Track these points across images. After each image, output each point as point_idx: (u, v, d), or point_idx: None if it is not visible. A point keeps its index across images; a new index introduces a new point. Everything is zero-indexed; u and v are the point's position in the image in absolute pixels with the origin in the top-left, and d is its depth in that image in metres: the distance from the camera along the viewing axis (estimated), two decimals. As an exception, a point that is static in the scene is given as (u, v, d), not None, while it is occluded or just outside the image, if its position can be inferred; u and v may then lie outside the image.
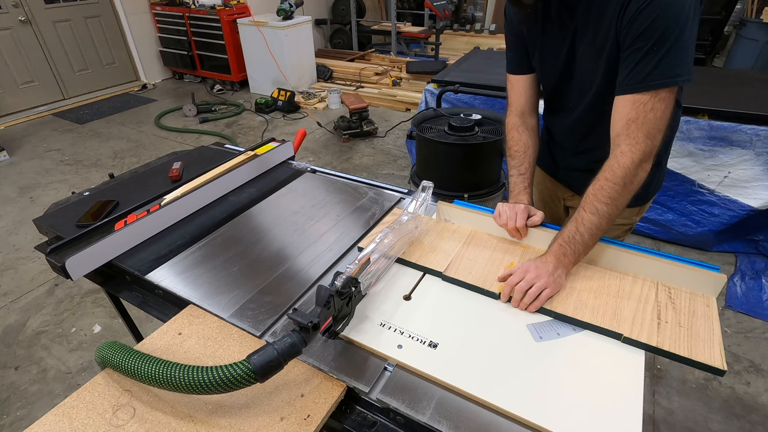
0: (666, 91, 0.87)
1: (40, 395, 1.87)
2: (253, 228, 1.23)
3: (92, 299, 2.38)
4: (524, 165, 1.16)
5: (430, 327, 0.87)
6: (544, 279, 0.90)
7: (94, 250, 1.06)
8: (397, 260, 1.04)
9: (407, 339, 0.84)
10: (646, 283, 0.95)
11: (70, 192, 2.01)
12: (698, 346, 0.80)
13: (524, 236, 1.08)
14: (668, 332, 0.82)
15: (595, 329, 0.85)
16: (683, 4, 0.82)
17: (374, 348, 0.82)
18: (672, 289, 0.93)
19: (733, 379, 1.85)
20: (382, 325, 0.88)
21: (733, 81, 2.57)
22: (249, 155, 1.49)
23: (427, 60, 5.68)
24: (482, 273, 0.99)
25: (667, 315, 0.86)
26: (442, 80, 2.67)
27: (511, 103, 1.21)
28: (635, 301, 0.90)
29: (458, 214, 1.17)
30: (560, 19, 0.99)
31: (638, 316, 0.86)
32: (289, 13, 4.94)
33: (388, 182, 1.45)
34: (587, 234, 0.92)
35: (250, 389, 0.74)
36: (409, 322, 0.88)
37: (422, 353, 0.81)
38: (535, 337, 0.84)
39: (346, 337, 0.85)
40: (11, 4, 4.53)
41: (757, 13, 4.73)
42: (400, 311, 0.91)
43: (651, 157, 0.92)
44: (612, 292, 0.93)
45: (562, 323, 0.87)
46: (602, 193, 0.92)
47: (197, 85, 5.78)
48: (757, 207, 2.20)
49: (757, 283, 2.26)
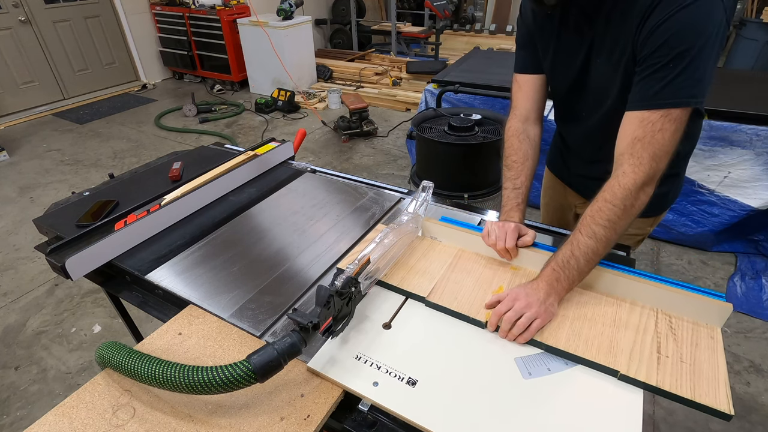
0: (678, 112, 0.82)
1: (40, 395, 1.87)
2: (253, 228, 1.23)
3: (92, 299, 2.38)
4: (520, 178, 1.08)
5: (409, 361, 0.80)
6: (534, 308, 0.83)
7: (94, 250, 1.06)
8: (378, 283, 0.97)
9: (384, 375, 0.77)
10: (645, 310, 0.88)
11: (70, 192, 2.01)
12: (702, 385, 0.72)
13: (514, 257, 1.01)
14: (669, 369, 0.75)
15: (589, 364, 0.78)
16: (707, 23, 0.77)
17: (347, 386, 0.76)
18: (673, 318, 0.86)
19: (733, 379, 1.84)
20: (357, 358, 0.81)
21: (733, 81, 2.57)
22: (249, 155, 1.49)
23: (427, 60, 5.68)
24: (469, 298, 0.92)
25: (667, 348, 0.79)
26: (442, 80, 2.67)
27: (515, 107, 1.13)
28: (633, 331, 0.83)
29: (445, 232, 1.10)
30: (578, 28, 0.94)
31: (636, 349, 0.79)
32: (289, 13, 4.94)
33: (388, 182, 1.45)
34: (583, 259, 0.86)
35: (250, 389, 0.74)
36: (387, 355, 0.81)
37: (400, 392, 0.75)
38: (523, 372, 0.78)
39: (316, 371, 0.78)
40: (11, 4, 4.53)
41: (757, 13, 4.73)
42: (378, 342, 0.84)
43: (654, 181, 0.86)
44: (608, 321, 0.85)
45: (553, 357, 0.80)
46: (600, 216, 0.86)
47: (197, 85, 5.78)
48: (757, 207, 2.20)
49: (757, 283, 2.26)
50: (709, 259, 2.50)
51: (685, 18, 0.76)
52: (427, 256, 1.06)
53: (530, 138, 1.11)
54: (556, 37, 0.99)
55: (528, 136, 1.11)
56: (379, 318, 0.90)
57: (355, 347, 0.83)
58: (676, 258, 2.52)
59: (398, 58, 5.87)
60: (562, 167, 1.32)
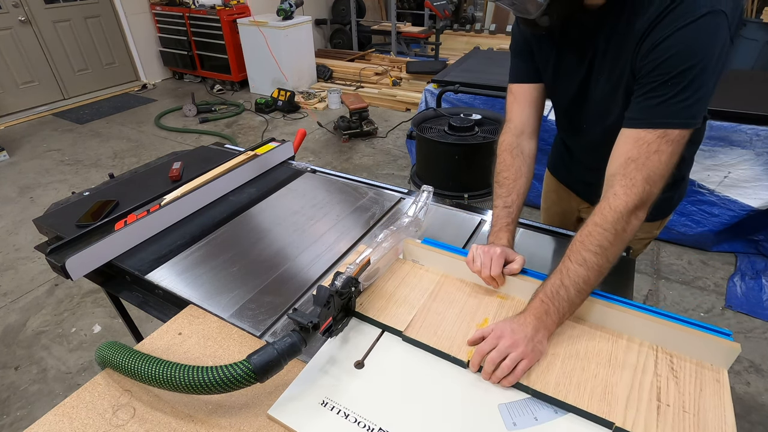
0: (677, 133, 0.77)
1: (40, 395, 1.87)
2: (253, 228, 1.23)
3: (92, 299, 2.38)
4: (511, 196, 1.01)
5: (381, 408, 0.72)
6: (521, 348, 0.75)
7: (94, 250, 1.06)
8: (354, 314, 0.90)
9: (352, 425, 0.69)
10: (644, 348, 0.79)
11: (70, 192, 2.01)
12: None
13: (501, 285, 0.93)
14: (670, 420, 0.67)
15: (581, 413, 0.70)
16: (709, 42, 0.73)
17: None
18: (674, 358, 0.77)
19: (733, 379, 1.84)
20: (323, 404, 0.72)
21: (733, 81, 2.57)
22: (249, 155, 1.49)
23: (427, 60, 5.68)
24: (450, 333, 0.84)
25: (668, 395, 0.71)
26: (442, 80, 2.67)
27: (510, 119, 1.08)
28: (631, 373, 0.75)
29: (427, 256, 1.01)
30: (578, 46, 0.92)
31: (634, 395, 0.71)
32: (289, 13, 4.94)
33: (388, 182, 1.45)
34: (573, 289, 0.79)
35: (250, 389, 0.74)
36: (356, 402, 0.73)
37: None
38: (507, 423, 0.69)
39: (273, 418, 0.71)
40: (11, 4, 4.53)
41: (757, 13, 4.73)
42: (348, 384, 0.76)
43: (647, 205, 0.81)
44: (603, 361, 0.77)
45: (541, 404, 0.73)
46: (591, 241, 0.79)
47: (197, 85, 5.78)
48: (757, 207, 2.20)
49: (757, 283, 2.26)
50: (709, 259, 2.50)
51: (686, 37, 0.73)
52: (408, 282, 0.97)
53: (524, 154, 1.05)
54: (556, 55, 0.96)
55: (522, 152, 1.05)
56: (352, 355, 0.82)
57: (322, 390, 0.75)
58: (676, 258, 2.52)
59: (398, 58, 5.87)
60: (565, 172, 1.30)
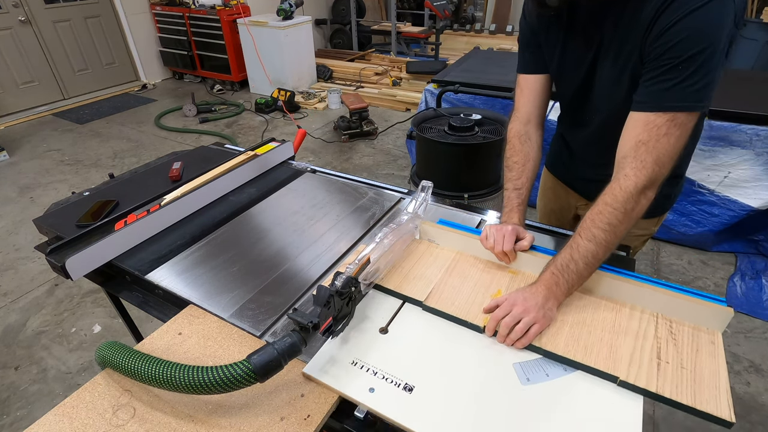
0: (684, 116, 0.80)
1: (40, 395, 1.87)
2: (253, 228, 1.23)
3: (92, 299, 2.38)
4: (521, 179, 1.07)
5: (406, 366, 0.79)
6: (532, 313, 0.82)
7: (94, 250, 1.06)
8: (375, 286, 0.97)
9: (381, 381, 0.77)
10: (645, 315, 0.87)
11: (70, 192, 2.01)
12: (703, 392, 0.72)
13: (513, 260, 1.00)
14: (669, 375, 0.75)
15: (588, 370, 0.77)
16: (717, 26, 0.75)
17: (343, 392, 0.75)
18: (673, 323, 0.85)
19: (733, 379, 1.84)
20: (353, 363, 0.80)
21: (733, 81, 2.57)
22: (249, 155, 1.49)
23: (427, 60, 5.68)
24: (467, 303, 0.91)
25: (667, 354, 0.78)
26: (442, 80, 2.67)
27: (518, 108, 1.13)
28: (633, 337, 0.82)
29: (443, 235, 1.09)
30: (585, 31, 0.93)
31: (636, 355, 0.78)
32: (289, 13, 4.94)
33: (388, 182, 1.45)
34: (582, 262, 0.84)
35: (250, 389, 0.74)
36: (384, 361, 0.80)
37: (397, 398, 0.73)
38: (521, 378, 0.77)
39: (311, 377, 0.78)
40: (11, 4, 4.53)
41: (757, 13, 4.73)
42: (375, 347, 0.83)
43: (656, 185, 0.85)
44: (607, 327, 0.84)
45: (551, 363, 0.79)
46: (601, 219, 0.84)
47: (197, 85, 5.78)
48: (757, 207, 2.20)
49: (757, 283, 2.26)
50: (709, 259, 2.50)
51: (695, 21, 0.75)
52: (425, 260, 1.04)
53: (532, 140, 1.11)
54: (563, 41, 0.98)
55: (530, 139, 1.10)
56: (376, 322, 0.89)
57: (352, 352, 0.82)
58: (676, 258, 2.52)
59: (398, 58, 5.87)
60: (564, 169, 1.31)
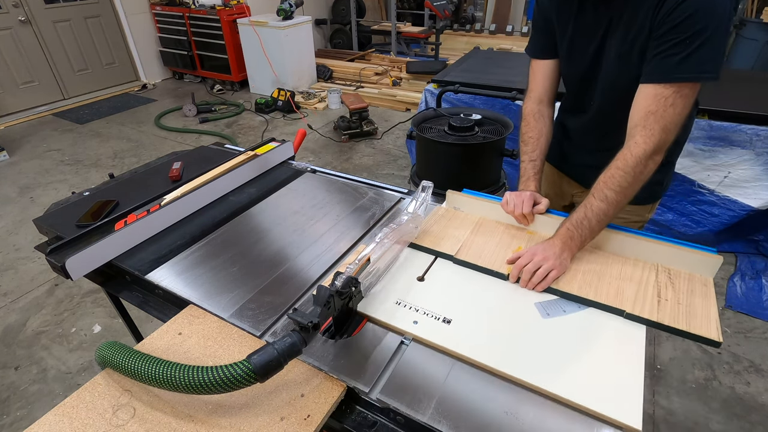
0: (689, 87, 0.88)
1: (40, 395, 1.87)
2: (253, 228, 1.23)
3: (92, 299, 2.38)
4: (536, 152, 1.18)
5: (443, 305, 0.91)
6: (551, 261, 0.94)
7: (94, 250, 1.06)
8: (410, 245, 1.09)
9: (422, 316, 0.88)
10: (647, 266, 0.99)
11: (70, 192, 2.01)
12: (696, 320, 0.85)
13: (531, 222, 1.12)
14: (668, 309, 0.87)
15: (599, 306, 0.90)
16: (722, 4, 0.82)
17: (391, 323, 0.87)
18: (672, 271, 0.98)
19: (733, 379, 1.85)
20: (397, 303, 0.92)
21: (733, 81, 2.57)
22: (249, 155, 1.49)
23: (427, 60, 5.68)
24: (491, 256, 1.04)
25: (667, 294, 0.91)
26: (442, 80, 2.67)
27: (531, 89, 1.23)
28: (637, 282, 0.95)
29: (467, 202, 1.21)
30: (595, 8, 1.00)
31: (640, 295, 0.91)
32: (289, 13, 4.94)
33: (388, 182, 1.45)
34: (594, 219, 0.96)
35: (250, 389, 0.74)
36: (423, 301, 0.92)
37: (437, 328, 0.85)
38: (542, 314, 0.89)
39: (363, 313, 0.89)
40: (11, 4, 4.53)
41: (757, 13, 4.73)
42: (414, 291, 0.96)
43: (663, 151, 0.94)
44: (614, 275, 0.97)
45: (567, 302, 0.92)
46: (612, 181, 0.95)
47: (197, 85, 5.78)
48: (757, 207, 2.20)
49: (757, 283, 2.26)
50: (709, 259, 2.49)
51: None
52: (452, 224, 1.17)
53: (545, 117, 1.21)
54: (575, 18, 1.05)
55: (543, 116, 1.21)
56: (414, 273, 1.01)
57: (395, 295, 0.94)
58: (676, 258, 2.51)
59: (398, 58, 5.87)
60: (561, 157, 1.36)
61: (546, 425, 0.70)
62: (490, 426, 0.70)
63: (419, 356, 0.82)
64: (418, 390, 0.76)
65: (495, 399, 0.74)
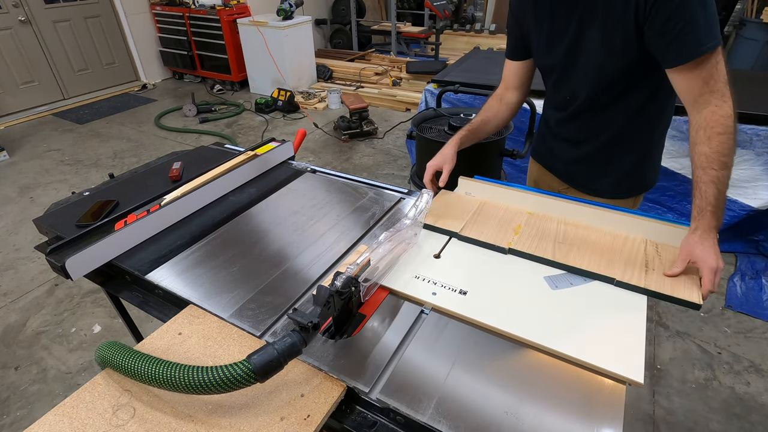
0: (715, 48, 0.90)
1: (40, 395, 1.87)
2: (253, 228, 1.23)
3: (92, 299, 2.38)
4: (476, 120, 1.30)
5: (459, 279, 0.97)
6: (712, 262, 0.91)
7: (94, 250, 1.06)
8: (425, 227, 1.15)
9: (440, 288, 0.95)
10: (637, 240, 1.07)
11: (70, 192, 2.01)
12: (679, 287, 0.92)
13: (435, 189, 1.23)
14: (654, 277, 0.95)
15: (592, 276, 0.97)
16: None
17: (412, 294, 0.93)
18: (659, 245, 1.05)
19: (733, 379, 1.85)
20: (416, 277, 0.98)
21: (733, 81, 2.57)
22: (249, 155, 1.49)
23: (427, 60, 5.68)
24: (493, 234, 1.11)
25: (653, 264, 0.99)
26: (442, 80, 2.67)
27: (503, 80, 1.33)
28: (626, 254, 1.02)
29: (479, 187, 1.29)
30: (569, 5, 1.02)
31: (629, 265, 0.98)
32: (289, 13, 4.94)
33: (388, 182, 1.45)
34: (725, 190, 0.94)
35: (250, 389, 0.74)
36: (440, 275, 0.99)
37: (454, 299, 0.92)
38: (551, 286, 0.95)
39: (385, 286, 0.96)
40: (11, 4, 4.53)
41: (757, 13, 4.73)
42: (431, 266, 1.02)
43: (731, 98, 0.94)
44: (606, 248, 1.04)
45: (574, 275, 0.98)
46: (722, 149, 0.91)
47: (197, 85, 5.79)
48: (757, 207, 2.20)
49: (757, 283, 2.26)
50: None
51: None
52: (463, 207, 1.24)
53: (505, 101, 1.32)
54: (549, 16, 1.08)
55: (503, 99, 1.32)
56: (430, 251, 1.08)
57: (413, 270, 1.01)
58: (676, 258, 2.51)
59: (398, 58, 5.87)
60: (547, 154, 1.40)
61: (546, 425, 0.70)
62: (490, 426, 0.70)
63: (419, 356, 0.82)
64: (418, 390, 0.76)
65: (495, 399, 0.74)
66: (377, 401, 0.75)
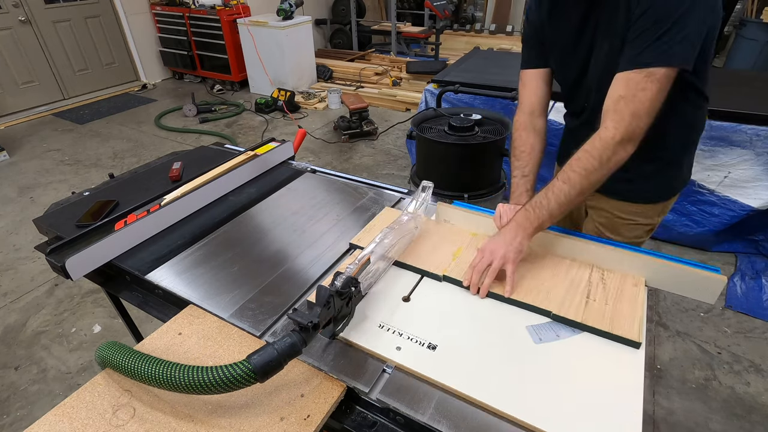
0: (662, 73, 0.86)
1: (40, 395, 1.87)
2: (253, 228, 1.23)
3: (92, 299, 2.38)
4: (528, 167, 1.14)
5: (429, 329, 0.86)
6: (501, 250, 0.92)
7: (94, 250, 1.06)
8: (395, 263, 1.03)
9: (406, 341, 0.84)
10: (583, 266, 1.00)
11: (70, 192, 2.01)
12: (620, 321, 0.85)
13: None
14: (594, 310, 0.88)
15: (526, 307, 0.90)
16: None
17: (373, 350, 0.82)
18: (605, 271, 0.98)
19: (733, 379, 1.85)
20: (381, 326, 0.87)
21: (733, 81, 2.57)
22: (249, 155, 1.49)
23: (427, 60, 5.68)
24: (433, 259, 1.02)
25: (596, 294, 0.92)
26: (442, 80, 2.67)
27: (522, 102, 1.21)
28: (568, 283, 0.95)
29: (458, 215, 1.16)
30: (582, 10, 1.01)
31: (569, 296, 0.91)
32: (289, 13, 4.94)
33: (388, 182, 1.45)
34: (555, 201, 0.94)
35: (250, 389, 0.74)
36: (408, 324, 0.87)
37: (421, 355, 0.81)
38: (534, 339, 0.84)
39: (344, 338, 0.85)
40: (11, 4, 4.53)
41: (757, 13, 4.73)
42: (399, 313, 0.91)
43: (635, 139, 0.91)
44: (547, 276, 0.97)
45: (560, 325, 0.87)
46: (578, 164, 0.93)
47: (197, 85, 5.78)
48: (757, 207, 2.20)
49: (757, 283, 2.26)
50: (709, 259, 2.49)
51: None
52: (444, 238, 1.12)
53: (536, 129, 1.18)
54: (566, 28, 1.06)
55: (534, 128, 1.18)
56: (399, 293, 0.96)
57: (378, 317, 0.89)
58: (676, 258, 2.51)
59: (398, 58, 5.87)
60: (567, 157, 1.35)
61: (546, 425, 0.69)
62: (490, 426, 0.70)
63: (419, 356, 0.82)
64: (418, 390, 0.76)
65: (495, 399, 0.74)
66: (377, 401, 0.75)
